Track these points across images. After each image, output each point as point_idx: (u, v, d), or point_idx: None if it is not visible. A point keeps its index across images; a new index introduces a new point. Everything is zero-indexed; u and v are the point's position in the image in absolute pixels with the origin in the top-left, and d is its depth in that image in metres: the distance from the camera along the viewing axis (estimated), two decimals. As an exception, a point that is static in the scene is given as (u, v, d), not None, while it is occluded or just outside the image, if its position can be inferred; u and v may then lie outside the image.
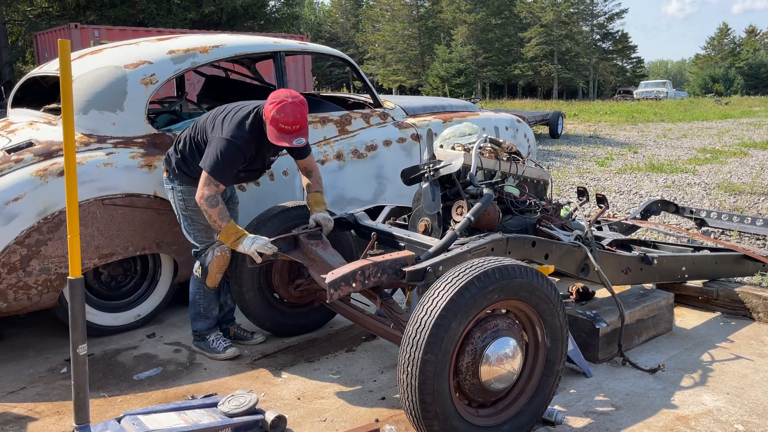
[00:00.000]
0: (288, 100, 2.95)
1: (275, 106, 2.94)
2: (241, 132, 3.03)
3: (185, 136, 3.28)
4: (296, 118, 2.94)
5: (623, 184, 8.81)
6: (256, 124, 3.08)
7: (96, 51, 4.02)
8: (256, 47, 4.19)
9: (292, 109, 2.93)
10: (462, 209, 3.12)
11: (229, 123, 3.07)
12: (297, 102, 2.96)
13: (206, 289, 3.35)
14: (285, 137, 2.97)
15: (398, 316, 2.77)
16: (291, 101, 2.95)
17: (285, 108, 2.93)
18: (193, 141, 3.23)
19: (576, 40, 50.63)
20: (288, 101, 2.94)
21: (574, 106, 30.16)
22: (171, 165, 3.29)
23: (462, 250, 2.80)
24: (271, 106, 2.96)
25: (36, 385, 3.11)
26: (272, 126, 2.97)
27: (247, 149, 3.07)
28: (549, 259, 3.16)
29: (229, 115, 3.13)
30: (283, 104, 2.93)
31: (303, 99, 3.02)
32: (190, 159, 3.22)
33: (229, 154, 3.01)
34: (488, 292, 2.31)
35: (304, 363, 3.33)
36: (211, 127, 3.14)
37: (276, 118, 2.94)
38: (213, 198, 3.01)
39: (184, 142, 3.26)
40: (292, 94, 3.02)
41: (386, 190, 4.76)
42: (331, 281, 2.55)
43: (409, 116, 5.03)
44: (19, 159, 3.34)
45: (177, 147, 3.29)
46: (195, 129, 3.25)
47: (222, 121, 3.12)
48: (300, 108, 2.96)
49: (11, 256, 3.18)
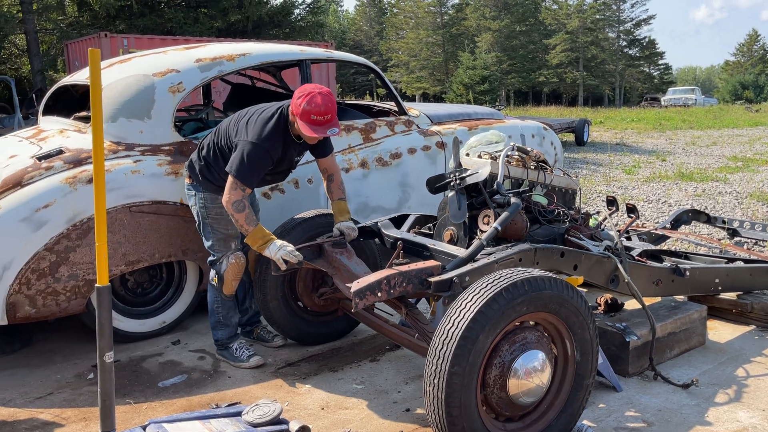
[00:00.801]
0: (316, 91, 2.94)
1: (304, 98, 2.92)
2: (267, 134, 3.01)
3: (208, 142, 3.26)
4: (327, 107, 2.92)
5: (651, 193, 8.66)
6: (281, 125, 3.06)
7: (125, 60, 4.07)
8: (282, 55, 4.21)
9: (321, 99, 2.91)
10: (489, 218, 3.08)
11: (254, 126, 3.06)
12: (325, 92, 2.95)
13: (224, 297, 3.35)
14: (318, 129, 2.94)
15: (424, 327, 2.74)
16: (319, 92, 2.94)
17: (315, 99, 2.91)
18: (216, 147, 3.22)
19: (602, 47, 50.15)
20: (316, 92, 2.93)
21: (600, 113, 29.85)
22: (194, 171, 3.28)
23: (489, 261, 2.76)
24: (300, 99, 2.93)
25: (63, 390, 3.13)
26: (303, 120, 2.93)
27: (274, 151, 3.06)
28: (578, 269, 3.10)
29: (253, 117, 3.11)
30: (311, 95, 2.92)
31: (329, 90, 3.01)
32: (214, 165, 3.21)
33: (256, 157, 3.00)
34: (517, 304, 2.27)
35: (327, 372, 3.30)
36: (234, 132, 3.13)
37: (307, 110, 2.91)
38: (240, 203, 3.00)
39: (207, 148, 3.25)
40: (317, 86, 3.01)
41: (410, 199, 4.73)
42: (357, 290, 2.53)
43: (434, 124, 5.00)
44: (49, 166, 3.38)
45: (200, 153, 3.28)
46: (217, 134, 3.23)
47: (246, 124, 3.10)
48: (329, 98, 2.94)
49: (41, 263, 3.22)
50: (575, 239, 3.27)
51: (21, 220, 3.19)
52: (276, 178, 3.44)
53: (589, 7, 50.73)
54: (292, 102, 3.00)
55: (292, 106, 3.01)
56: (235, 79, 5.39)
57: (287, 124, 3.09)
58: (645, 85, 55.95)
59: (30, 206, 3.22)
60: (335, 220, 3.31)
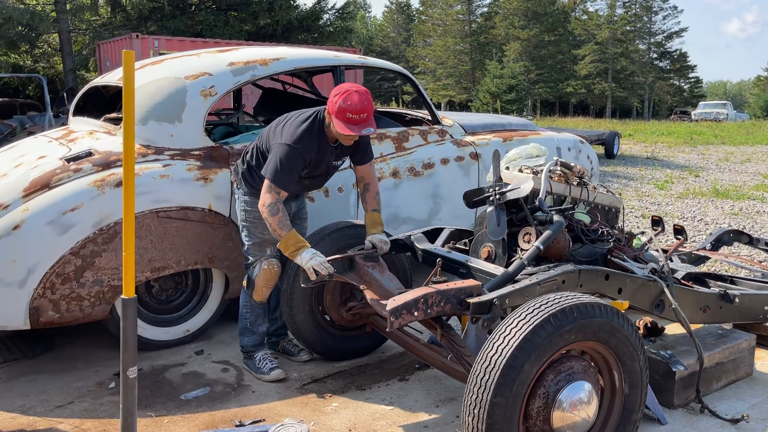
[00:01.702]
0: (353, 89, 2.89)
1: (341, 96, 2.87)
2: (299, 135, 2.98)
3: (253, 146, 3.27)
4: (363, 105, 2.86)
5: (686, 210, 8.41)
6: (315, 128, 3.03)
7: (157, 61, 4.00)
8: (316, 61, 4.11)
9: (358, 97, 2.86)
10: (530, 236, 2.93)
11: (289, 128, 3.04)
12: (362, 91, 2.90)
13: (254, 303, 3.25)
14: (353, 127, 2.87)
15: (460, 350, 2.60)
16: (356, 90, 2.89)
17: (351, 96, 2.86)
18: (258, 151, 3.21)
19: (632, 59, 49.46)
20: (353, 90, 2.88)
21: (629, 126, 29.37)
22: (238, 175, 3.29)
23: (531, 282, 2.61)
24: (336, 97, 2.88)
25: (84, 399, 3.05)
26: (339, 118, 2.88)
27: (307, 153, 3.00)
28: (622, 293, 2.94)
29: (290, 121, 3.10)
30: (348, 93, 2.87)
31: (366, 89, 2.95)
32: (256, 169, 3.19)
33: (289, 159, 2.95)
34: (565, 332, 2.12)
35: (355, 390, 3.18)
36: (273, 135, 3.12)
37: (343, 107, 2.85)
38: (274, 206, 2.94)
39: (251, 153, 3.25)
40: (354, 85, 2.95)
41: (441, 210, 4.60)
42: (392, 309, 2.40)
43: (468, 134, 4.87)
44: (78, 169, 3.32)
45: (245, 157, 3.29)
46: (261, 139, 3.23)
47: (282, 127, 3.09)
48: (366, 96, 2.89)
49: (66, 267, 3.15)
50: (619, 260, 3.11)
51: (48, 223, 3.12)
52: (314, 183, 3.35)
53: (619, 18, 50.11)
54: (329, 101, 2.95)
55: (328, 104, 2.96)
56: (266, 83, 5.32)
57: (323, 126, 3.05)
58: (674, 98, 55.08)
59: (57, 209, 3.15)
60: (368, 232, 3.19)
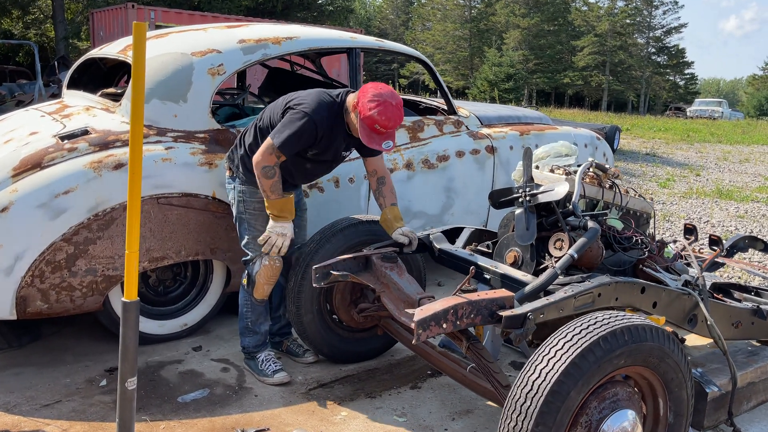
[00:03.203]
0: (390, 101, 2.66)
1: (377, 105, 2.64)
2: (317, 107, 2.77)
3: (251, 127, 3.02)
4: (395, 120, 2.67)
5: (691, 210, 8.25)
6: (335, 108, 2.83)
7: (161, 35, 3.73)
8: (331, 41, 3.85)
9: (392, 112, 2.66)
10: (562, 243, 2.72)
11: (308, 98, 2.82)
12: (397, 104, 2.70)
13: (254, 302, 3.03)
14: (376, 138, 2.70)
15: (489, 365, 2.39)
16: (393, 103, 2.67)
17: (387, 110, 2.64)
18: (258, 131, 2.96)
19: (630, 52, 49.25)
20: (390, 103, 2.66)
21: (626, 120, 29.21)
22: (234, 162, 3.02)
23: (566, 295, 2.41)
24: (372, 104, 2.65)
25: (72, 398, 2.82)
26: (366, 124, 2.68)
27: (321, 126, 2.79)
28: (657, 307, 2.75)
29: (308, 94, 2.86)
30: (385, 105, 2.64)
31: (401, 100, 2.75)
32: (256, 150, 2.91)
33: (302, 126, 2.75)
34: (615, 357, 1.92)
35: (364, 398, 2.97)
36: (282, 110, 2.87)
37: (374, 118, 2.64)
38: (271, 169, 2.76)
39: (251, 133, 3.00)
40: (392, 92, 2.72)
41: (454, 205, 4.39)
42: (421, 320, 2.19)
43: (484, 126, 4.64)
44: (72, 148, 3.06)
45: (242, 140, 3.03)
46: (261, 118, 2.99)
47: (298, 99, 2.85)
48: (400, 111, 2.71)
49: (57, 254, 2.91)
50: (651, 271, 2.91)
51: (38, 206, 2.87)
52: (317, 169, 3.10)
53: (620, 11, 49.80)
54: (361, 99, 2.71)
55: (360, 104, 2.71)
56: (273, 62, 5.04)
57: (342, 110, 2.84)
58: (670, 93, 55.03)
59: (49, 191, 2.90)
60: (391, 227, 2.98)
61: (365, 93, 2.69)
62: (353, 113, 2.76)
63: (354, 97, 2.78)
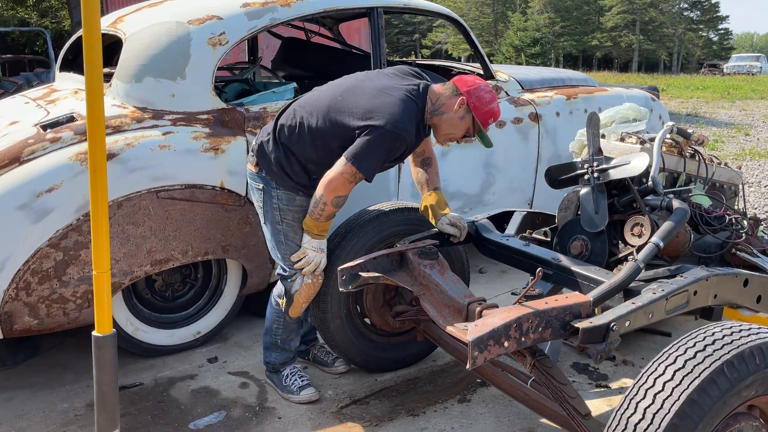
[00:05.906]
0: (496, 101, 2.42)
1: (491, 100, 2.38)
2: (407, 120, 2.28)
3: (290, 122, 2.41)
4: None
5: (749, 174, 7.59)
6: (419, 107, 2.35)
7: (155, 3, 3.27)
8: (349, 1, 3.34)
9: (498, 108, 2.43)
10: (641, 228, 2.22)
11: (392, 110, 2.26)
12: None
13: (287, 319, 2.59)
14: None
15: (561, 387, 1.93)
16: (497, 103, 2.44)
17: (495, 110, 2.40)
18: (305, 128, 2.37)
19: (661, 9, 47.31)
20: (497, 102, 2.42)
21: (660, 80, 28.02)
22: (265, 158, 2.45)
23: (656, 296, 1.92)
24: (489, 103, 2.38)
25: (68, 429, 2.44)
26: (483, 119, 2.38)
27: (409, 136, 2.31)
28: (761, 302, 2.24)
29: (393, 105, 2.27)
30: (494, 97, 2.41)
31: None
32: (297, 153, 2.40)
33: (390, 146, 2.29)
34: (744, 387, 1.44)
35: (406, 416, 2.54)
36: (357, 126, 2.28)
37: (494, 111, 2.40)
38: (343, 199, 2.34)
39: (290, 130, 2.40)
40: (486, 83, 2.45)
41: (495, 182, 3.89)
42: (476, 339, 1.72)
43: (525, 91, 4.11)
44: (55, 138, 2.64)
45: (277, 136, 2.43)
46: (311, 113, 2.38)
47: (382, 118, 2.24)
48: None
49: (43, 262, 2.51)
50: (747, 256, 2.40)
51: (18, 208, 2.47)
52: (385, 168, 2.63)
53: (649, -34, 47.80)
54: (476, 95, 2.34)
55: (474, 98, 2.34)
56: (284, 31, 4.56)
57: (424, 107, 2.37)
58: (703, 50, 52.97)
59: (30, 190, 2.49)
60: (436, 215, 2.52)
61: (475, 89, 2.35)
62: (451, 112, 2.35)
63: (448, 92, 2.37)
